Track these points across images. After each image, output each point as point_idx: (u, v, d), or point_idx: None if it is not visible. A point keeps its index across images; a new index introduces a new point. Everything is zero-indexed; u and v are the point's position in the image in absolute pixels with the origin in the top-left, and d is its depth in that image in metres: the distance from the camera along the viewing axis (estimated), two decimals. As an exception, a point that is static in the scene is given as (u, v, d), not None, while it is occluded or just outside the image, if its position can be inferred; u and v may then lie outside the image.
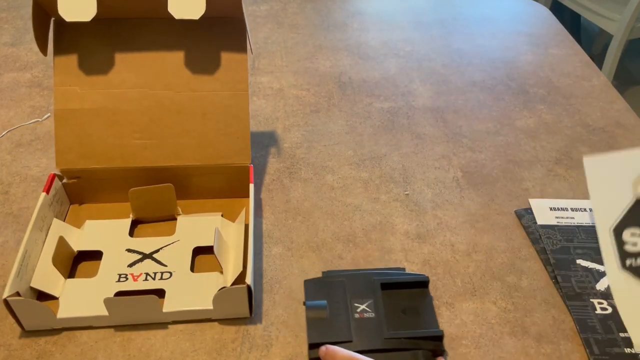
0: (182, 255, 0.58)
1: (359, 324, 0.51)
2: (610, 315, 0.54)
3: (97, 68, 0.61)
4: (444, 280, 0.58)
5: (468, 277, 0.59)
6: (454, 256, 0.61)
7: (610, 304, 0.55)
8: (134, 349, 0.52)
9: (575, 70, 0.92)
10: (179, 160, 0.62)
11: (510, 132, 0.78)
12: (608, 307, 0.55)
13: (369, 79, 0.89)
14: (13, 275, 0.50)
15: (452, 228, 0.64)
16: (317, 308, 0.53)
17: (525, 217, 0.65)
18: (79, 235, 0.61)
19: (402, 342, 0.50)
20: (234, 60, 0.62)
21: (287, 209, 0.66)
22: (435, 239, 0.63)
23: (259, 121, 0.79)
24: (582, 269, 0.58)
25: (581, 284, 0.57)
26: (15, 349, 0.51)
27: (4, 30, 0.99)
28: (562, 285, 0.57)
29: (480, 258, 0.61)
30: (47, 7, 0.57)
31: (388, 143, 0.76)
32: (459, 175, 0.71)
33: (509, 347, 0.53)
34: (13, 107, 0.80)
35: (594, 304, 0.55)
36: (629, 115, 0.82)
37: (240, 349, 0.52)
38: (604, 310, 0.55)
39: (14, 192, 0.67)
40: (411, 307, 0.54)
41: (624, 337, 0.52)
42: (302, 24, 1.03)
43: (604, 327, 0.53)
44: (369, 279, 0.55)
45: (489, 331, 0.54)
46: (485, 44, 0.98)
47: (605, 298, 0.56)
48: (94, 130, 0.61)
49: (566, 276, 0.58)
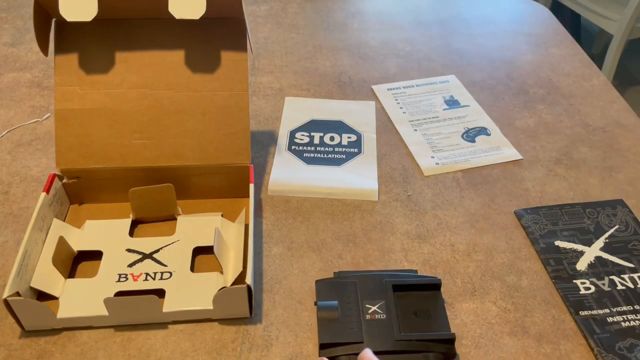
0: (182, 255, 0.58)
1: (370, 325, 0.51)
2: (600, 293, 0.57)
3: (98, 68, 0.61)
4: (444, 280, 0.58)
5: (468, 277, 0.59)
6: (454, 256, 0.61)
7: (592, 283, 0.58)
8: (134, 348, 0.52)
9: (575, 70, 0.92)
10: (179, 160, 0.62)
11: (510, 132, 0.78)
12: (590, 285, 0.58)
13: (369, 79, 0.89)
14: (13, 275, 0.50)
15: (452, 228, 0.64)
16: (328, 308, 0.53)
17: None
18: (79, 235, 0.61)
19: (413, 344, 0.50)
20: (234, 60, 0.62)
21: (287, 209, 0.66)
22: (435, 239, 0.63)
23: (259, 121, 0.79)
24: None
25: None
26: (15, 348, 0.51)
27: (4, 30, 0.99)
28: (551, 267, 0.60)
29: (480, 258, 0.61)
30: (48, 7, 0.57)
31: (388, 143, 0.76)
32: (459, 175, 0.71)
33: (509, 347, 0.53)
34: (13, 107, 0.80)
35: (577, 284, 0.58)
36: (629, 115, 0.82)
37: (240, 349, 0.52)
38: (587, 290, 0.57)
39: (14, 192, 0.67)
40: (423, 309, 0.54)
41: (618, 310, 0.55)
42: (302, 24, 1.03)
43: (599, 304, 0.56)
44: (381, 281, 0.55)
45: (489, 331, 0.54)
46: (485, 44, 0.98)
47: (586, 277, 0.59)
48: (94, 130, 0.61)
49: None
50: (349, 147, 0.74)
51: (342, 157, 0.73)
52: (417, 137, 0.77)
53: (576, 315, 0.55)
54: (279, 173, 0.70)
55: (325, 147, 0.74)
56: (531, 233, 0.63)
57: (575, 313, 0.55)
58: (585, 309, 0.55)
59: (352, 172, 0.70)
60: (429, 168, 0.72)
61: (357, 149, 0.74)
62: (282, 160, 0.72)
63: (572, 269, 0.59)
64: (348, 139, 0.76)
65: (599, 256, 0.61)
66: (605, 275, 0.58)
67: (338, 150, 0.74)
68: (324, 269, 0.59)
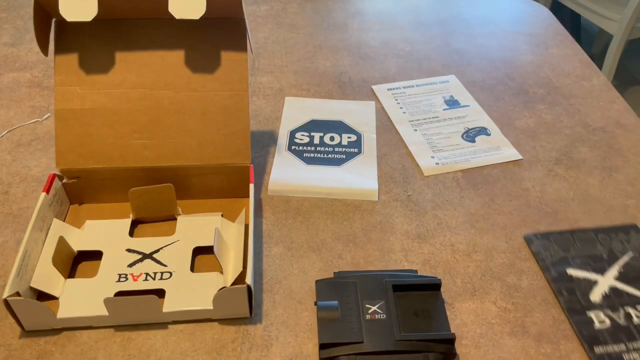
0: (182, 255, 0.58)
1: (370, 325, 0.51)
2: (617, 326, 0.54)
3: (98, 68, 0.61)
4: (444, 280, 0.59)
5: (468, 277, 0.59)
6: (454, 256, 0.61)
7: (606, 315, 0.55)
8: (134, 348, 0.52)
9: (575, 70, 0.92)
10: (179, 160, 0.62)
11: (510, 132, 0.78)
12: (605, 318, 0.55)
13: (369, 79, 0.89)
14: (13, 275, 0.50)
15: (452, 228, 0.64)
16: (328, 308, 0.53)
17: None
18: (79, 235, 0.61)
19: (413, 344, 0.50)
20: (234, 60, 0.62)
21: (287, 209, 0.66)
22: (435, 239, 0.63)
23: (259, 121, 0.79)
24: None
25: None
26: (15, 349, 0.51)
27: (4, 30, 0.99)
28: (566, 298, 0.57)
29: (480, 258, 0.61)
30: (48, 7, 0.57)
31: (388, 143, 0.76)
32: (459, 175, 0.71)
33: (509, 347, 0.53)
34: (13, 107, 0.80)
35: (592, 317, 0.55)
36: (629, 115, 0.82)
37: (240, 348, 0.52)
38: (602, 323, 0.55)
39: (14, 192, 0.67)
40: (423, 310, 0.54)
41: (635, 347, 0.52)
42: (302, 24, 1.03)
43: (614, 339, 0.53)
44: (381, 281, 0.55)
45: (489, 331, 0.54)
46: (485, 44, 0.98)
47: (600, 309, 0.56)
48: (94, 130, 0.61)
49: None
50: (349, 147, 0.74)
51: (342, 157, 0.73)
52: (417, 137, 0.77)
53: (590, 352, 0.52)
54: (279, 173, 0.70)
55: (325, 147, 0.74)
56: (542, 260, 0.61)
57: (590, 349, 0.52)
58: (600, 344, 0.53)
59: (352, 172, 0.70)
60: (429, 168, 0.72)
61: (357, 149, 0.74)
62: (282, 160, 0.72)
63: (586, 300, 0.57)
64: (348, 139, 0.76)
65: (613, 286, 0.58)
66: (621, 307, 0.56)
67: (338, 150, 0.74)
68: (324, 269, 0.59)
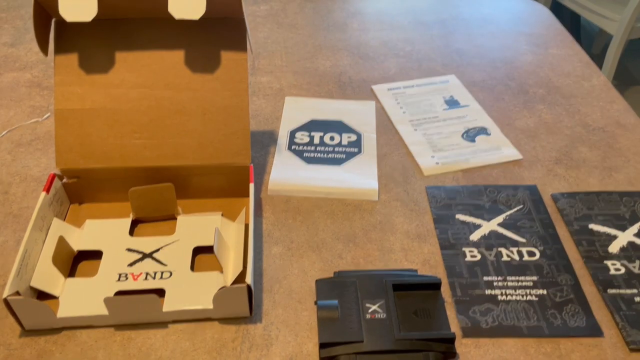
0: (182, 255, 0.58)
1: (370, 325, 0.51)
2: (478, 262, 0.59)
3: (98, 68, 0.61)
4: (443, 280, 0.58)
5: (468, 276, 0.59)
6: (454, 256, 0.61)
7: (479, 252, 0.60)
8: (134, 348, 0.52)
9: (575, 70, 0.92)
10: (179, 160, 0.62)
11: (510, 132, 0.78)
12: (477, 254, 0.60)
13: (369, 79, 0.89)
14: (13, 275, 0.50)
15: (452, 228, 0.64)
16: (328, 308, 0.53)
17: (560, 200, 0.66)
18: (79, 234, 0.61)
19: (413, 343, 0.50)
20: (234, 60, 0.62)
21: (287, 208, 0.66)
22: (435, 239, 0.63)
23: (259, 121, 0.79)
24: (459, 223, 0.64)
25: (456, 236, 0.62)
26: (15, 348, 0.51)
27: (4, 30, 0.99)
28: (440, 237, 0.62)
29: (480, 258, 0.61)
30: (48, 7, 0.57)
31: (388, 143, 0.76)
32: (459, 175, 0.71)
33: (509, 346, 0.53)
34: (13, 107, 0.81)
35: (465, 252, 0.60)
36: (629, 115, 0.82)
37: (240, 348, 0.52)
38: (473, 258, 0.60)
39: (14, 192, 0.67)
40: (423, 309, 0.54)
41: (486, 280, 0.57)
42: (302, 24, 1.03)
43: (470, 272, 0.58)
44: (381, 280, 0.55)
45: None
46: (485, 43, 0.98)
47: (476, 247, 0.61)
48: (94, 130, 0.61)
49: (444, 229, 0.63)
50: (349, 146, 0.74)
51: (342, 157, 0.73)
52: (417, 136, 0.77)
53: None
54: (279, 173, 0.70)
55: (325, 147, 0.74)
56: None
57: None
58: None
59: (352, 171, 0.70)
60: (429, 168, 0.72)
61: (357, 148, 0.74)
62: (282, 160, 0.72)
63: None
64: (348, 138, 0.76)
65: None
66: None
67: (338, 150, 0.74)
68: (324, 269, 0.59)
